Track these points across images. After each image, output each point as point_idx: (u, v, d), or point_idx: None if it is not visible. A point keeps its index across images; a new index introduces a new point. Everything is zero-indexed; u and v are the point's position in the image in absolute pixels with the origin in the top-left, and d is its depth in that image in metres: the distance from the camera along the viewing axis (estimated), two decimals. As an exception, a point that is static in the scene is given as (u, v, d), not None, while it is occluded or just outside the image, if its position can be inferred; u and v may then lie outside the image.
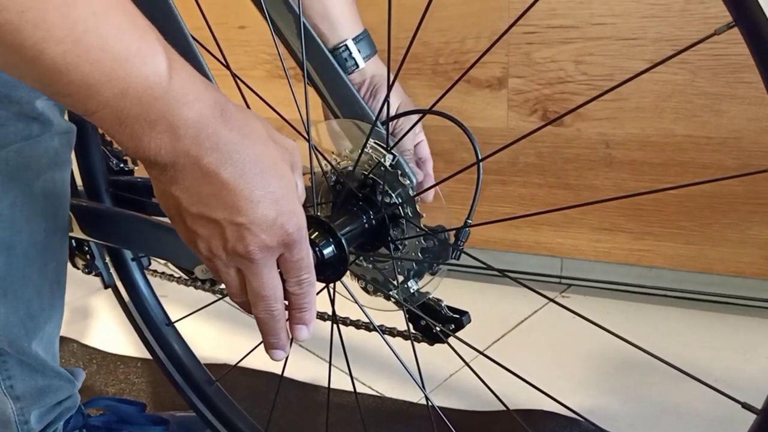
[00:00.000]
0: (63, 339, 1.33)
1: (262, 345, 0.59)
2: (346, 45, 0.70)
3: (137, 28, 0.41)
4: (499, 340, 1.26)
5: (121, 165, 0.96)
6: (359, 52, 0.71)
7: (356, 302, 0.69)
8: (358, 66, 0.71)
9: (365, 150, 0.63)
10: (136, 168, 0.97)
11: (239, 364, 0.96)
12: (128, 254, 0.94)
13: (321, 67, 0.67)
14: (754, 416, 0.50)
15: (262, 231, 0.49)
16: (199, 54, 0.57)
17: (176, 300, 1.23)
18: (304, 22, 0.65)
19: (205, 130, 0.44)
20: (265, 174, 0.48)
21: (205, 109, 0.44)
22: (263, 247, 0.50)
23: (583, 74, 1.23)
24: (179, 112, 0.43)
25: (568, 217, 1.34)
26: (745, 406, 0.49)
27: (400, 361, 0.71)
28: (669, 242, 1.27)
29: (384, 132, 0.64)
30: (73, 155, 0.82)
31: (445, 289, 0.70)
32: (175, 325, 0.97)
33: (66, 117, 0.77)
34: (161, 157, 0.44)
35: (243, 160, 0.46)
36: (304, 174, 0.69)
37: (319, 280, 0.64)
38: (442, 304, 0.68)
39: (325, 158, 0.65)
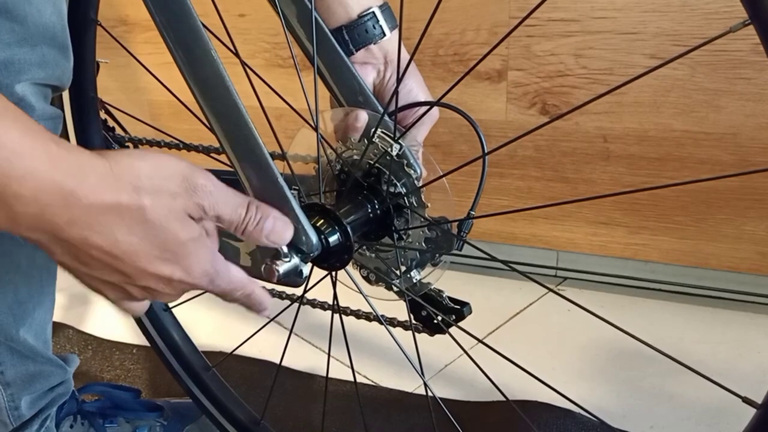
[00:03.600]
0: (59, 325, 1.32)
1: (257, 334, 0.59)
2: (373, 12, 0.67)
3: None
4: (494, 331, 1.27)
5: (122, 151, 0.96)
6: (385, 21, 0.68)
7: (360, 291, 0.69)
8: (384, 35, 0.68)
9: (372, 139, 0.63)
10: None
11: (236, 352, 0.96)
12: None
13: (328, 56, 0.67)
14: (749, 409, 0.51)
15: (165, 287, 0.48)
16: (211, 48, 0.57)
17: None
18: (313, 12, 0.65)
19: (49, 209, 0.41)
20: (146, 233, 0.45)
21: (45, 190, 0.40)
22: (178, 294, 0.49)
23: (582, 68, 1.23)
24: (6, 190, 0.39)
25: (565, 211, 1.35)
26: (746, 400, 0.49)
27: (402, 350, 0.72)
28: (665, 237, 1.28)
29: (391, 122, 0.64)
30: (73, 140, 0.82)
31: (442, 281, 0.70)
32: (173, 311, 0.97)
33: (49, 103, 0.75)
34: (4, 228, 0.41)
35: (112, 227, 0.43)
36: (308, 162, 0.70)
37: (323, 268, 0.64)
38: (444, 295, 0.69)
39: (331, 146, 0.65)
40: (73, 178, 0.42)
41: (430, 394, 0.97)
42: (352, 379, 0.84)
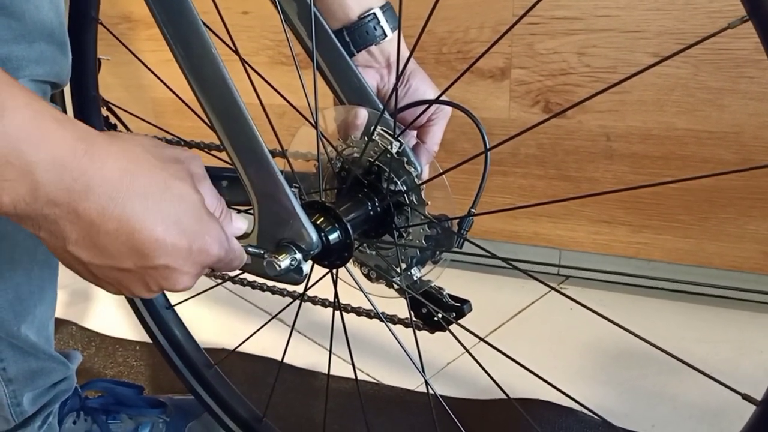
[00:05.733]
0: (62, 321, 1.33)
1: (260, 331, 0.59)
2: (374, 13, 0.67)
3: None
4: (496, 329, 1.27)
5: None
6: (387, 21, 0.68)
7: (361, 289, 0.70)
8: (386, 35, 0.68)
9: (372, 137, 0.63)
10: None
11: (238, 349, 0.96)
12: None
13: (329, 54, 0.67)
14: (751, 408, 0.51)
15: (183, 264, 0.45)
16: (212, 46, 0.57)
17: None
18: (313, 9, 0.65)
19: (68, 173, 0.40)
20: (162, 202, 0.43)
21: (60, 149, 0.39)
22: (193, 276, 0.47)
23: (585, 66, 1.23)
24: (24, 156, 0.38)
25: (568, 209, 1.35)
26: (746, 397, 0.49)
27: (402, 347, 0.72)
28: (668, 235, 1.28)
29: (391, 120, 0.64)
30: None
31: (444, 279, 0.70)
32: (175, 309, 0.97)
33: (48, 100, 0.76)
34: (23, 210, 0.40)
35: (130, 195, 0.42)
36: (308, 160, 0.70)
37: (323, 265, 0.65)
38: (444, 293, 0.69)
39: (331, 144, 0.65)
40: (83, 141, 0.41)
41: (431, 392, 0.98)
42: (354, 377, 0.85)
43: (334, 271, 0.68)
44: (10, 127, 0.38)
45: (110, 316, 1.37)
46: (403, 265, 0.67)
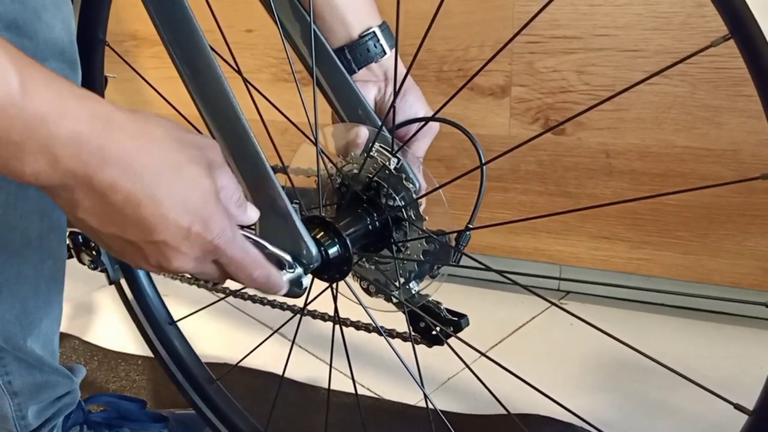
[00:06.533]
0: (65, 335, 1.34)
1: (261, 346, 0.59)
2: (373, 32, 0.69)
3: None
4: (497, 345, 1.27)
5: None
6: (385, 40, 0.70)
7: (360, 303, 0.70)
8: (385, 53, 0.70)
9: (370, 154, 0.65)
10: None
11: (240, 364, 0.97)
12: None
13: (329, 72, 0.68)
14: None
15: (181, 244, 0.47)
16: (216, 65, 0.58)
17: (178, 298, 1.24)
18: (313, 26, 0.67)
19: (86, 146, 0.42)
20: (171, 182, 0.45)
21: (80, 124, 0.41)
22: (190, 260, 0.48)
23: (585, 84, 1.24)
24: (46, 131, 0.40)
25: (568, 225, 1.36)
26: (737, 407, 0.50)
27: (402, 361, 0.73)
28: (667, 252, 1.28)
29: (389, 136, 0.65)
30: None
31: (444, 294, 0.71)
32: (178, 324, 0.98)
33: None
34: (43, 180, 0.42)
35: (141, 171, 0.44)
36: (309, 176, 0.71)
37: (323, 279, 0.66)
38: (442, 307, 0.70)
39: (331, 161, 0.67)
40: (101, 118, 0.43)
41: (430, 406, 0.98)
42: (354, 391, 0.85)
43: (334, 285, 0.69)
44: (30, 106, 0.40)
45: (113, 331, 1.38)
46: (402, 280, 0.68)
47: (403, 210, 0.65)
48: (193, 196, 0.46)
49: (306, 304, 0.76)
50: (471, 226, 0.64)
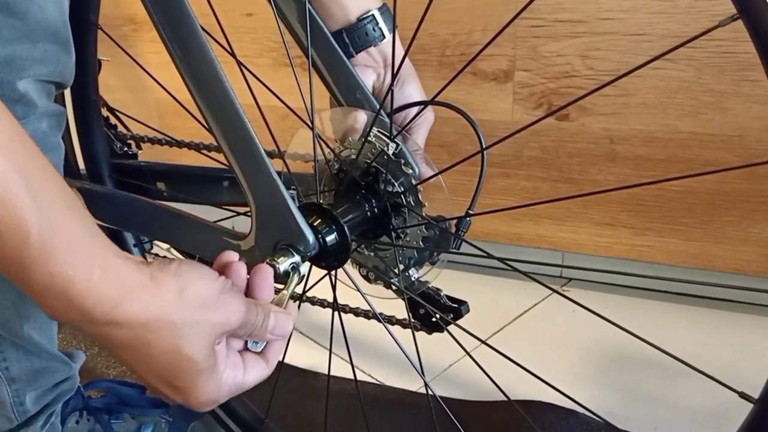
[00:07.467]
0: (65, 321, 1.33)
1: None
2: (372, 15, 0.68)
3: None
4: (498, 332, 1.26)
5: (125, 149, 0.96)
6: (384, 23, 0.68)
7: (358, 290, 0.70)
8: (384, 37, 0.68)
9: (369, 138, 0.64)
10: (140, 152, 0.97)
11: (240, 350, 0.97)
12: (130, 239, 0.95)
13: (326, 55, 0.67)
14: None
15: (168, 393, 0.50)
16: (209, 48, 0.57)
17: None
18: (309, 9, 0.66)
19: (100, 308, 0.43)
20: (156, 358, 0.46)
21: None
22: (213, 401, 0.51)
23: (589, 69, 1.23)
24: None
25: (570, 211, 1.35)
26: (743, 395, 0.50)
27: (401, 348, 0.72)
28: (671, 238, 1.27)
29: (387, 121, 0.64)
30: (76, 140, 0.82)
31: (445, 281, 0.70)
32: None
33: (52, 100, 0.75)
34: (62, 319, 0.44)
35: (133, 345, 0.45)
36: (307, 161, 0.70)
37: (321, 267, 0.65)
38: (442, 294, 0.69)
39: (328, 146, 0.66)
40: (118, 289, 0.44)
41: (430, 392, 0.98)
42: (354, 377, 0.85)
43: (333, 272, 0.69)
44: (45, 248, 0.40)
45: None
46: (401, 266, 0.67)
47: (402, 196, 0.64)
48: (183, 372, 0.48)
49: (305, 291, 0.75)
50: (471, 212, 0.63)
